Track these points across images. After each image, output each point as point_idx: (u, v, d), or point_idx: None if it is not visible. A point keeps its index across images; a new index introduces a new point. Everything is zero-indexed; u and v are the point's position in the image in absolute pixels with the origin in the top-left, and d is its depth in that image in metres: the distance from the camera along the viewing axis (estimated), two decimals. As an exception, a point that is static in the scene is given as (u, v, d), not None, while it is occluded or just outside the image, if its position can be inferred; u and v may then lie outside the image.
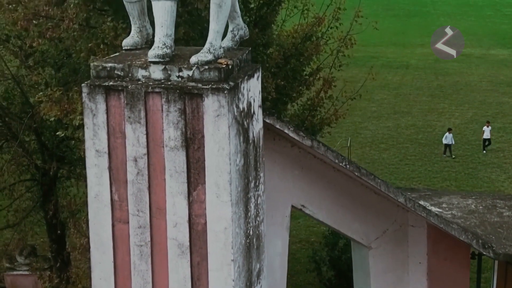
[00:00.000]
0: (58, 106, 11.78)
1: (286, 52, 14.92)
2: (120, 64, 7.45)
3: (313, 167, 10.41)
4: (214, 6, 7.44)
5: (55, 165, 15.61)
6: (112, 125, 7.48)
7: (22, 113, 15.92)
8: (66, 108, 11.70)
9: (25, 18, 12.03)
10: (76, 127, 11.94)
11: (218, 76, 7.28)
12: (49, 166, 15.89)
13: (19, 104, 15.99)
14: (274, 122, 9.27)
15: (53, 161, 15.93)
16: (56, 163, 15.91)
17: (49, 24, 12.17)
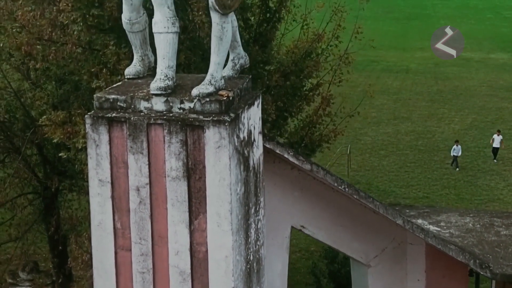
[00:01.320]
0: (61, 129, 11.93)
1: (286, 69, 15.05)
2: (123, 95, 7.60)
3: (312, 188, 10.54)
4: (215, 39, 7.58)
5: (57, 182, 15.74)
6: (115, 155, 7.62)
7: (25, 128, 16.06)
8: (69, 131, 11.86)
9: (28, 43, 12.18)
10: (78, 149, 12.09)
11: (219, 108, 7.42)
12: (50, 180, 16.02)
13: (22, 120, 16.13)
14: (274, 147, 9.40)
15: (54, 175, 16.07)
16: (58, 177, 16.04)
17: (52, 48, 12.33)
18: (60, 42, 12.34)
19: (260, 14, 14.81)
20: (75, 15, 11.77)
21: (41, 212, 17.63)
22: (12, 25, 12.36)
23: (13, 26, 12.41)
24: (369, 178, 29.59)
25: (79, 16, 11.78)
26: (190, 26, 11.66)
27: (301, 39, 16.63)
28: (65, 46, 12.19)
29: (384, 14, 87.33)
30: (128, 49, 11.20)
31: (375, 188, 28.53)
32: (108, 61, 11.72)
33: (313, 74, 16.15)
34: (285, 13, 15.91)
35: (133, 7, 8.00)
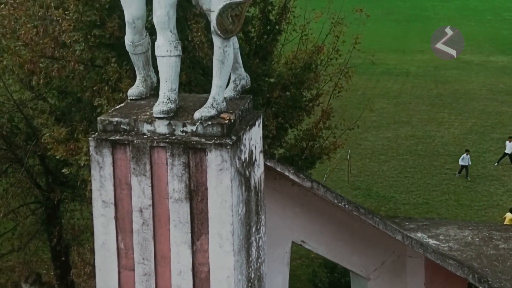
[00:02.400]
0: (63, 146, 12.06)
1: (286, 82, 15.17)
2: (126, 118, 7.71)
3: (313, 204, 10.66)
4: (217, 62, 7.69)
5: (59, 193, 15.83)
6: (118, 177, 7.73)
7: (27, 139, 16.17)
8: (72, 149, 11.98)
9: (32, 61, 12.30)
10: (81, 166, 12.21)
11: (221, 131, 7.54)
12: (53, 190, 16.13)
13: (24, 132, 16.25)
14: (275, 165, 9.51)
15: (56, 185, 16.17)
16: (60, 187, 16.15)
17: (55, 65, 12.44)
18: (63, 60, 12.46)
19: (260, 26, 14.94)
20: (77, 35, 11.91)
21: (43, 222, 17.75)
22: (15, 43, 12.48)
23: (17, 45, 12.52)
24: (369, 184, 29.69)
25: (81, 37, 11.91)
26: (190, 46, 11.79)
27: (300, 49, 16.75)
28: (68, 63, 12.32)
29: (384, 16, 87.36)
30: (130, 67, 11.31)
31: (375, 194, 28.64)
32: (110, 79, 11.84)
33: (313, 86, 16.27)
34: (285, 25, 16.04)
35: (136, 30, 8.11)
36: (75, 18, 11.68)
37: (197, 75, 12.05)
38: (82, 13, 11.66)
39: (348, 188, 29.21)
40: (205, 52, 11.50)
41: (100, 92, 11.97)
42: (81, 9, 11.67)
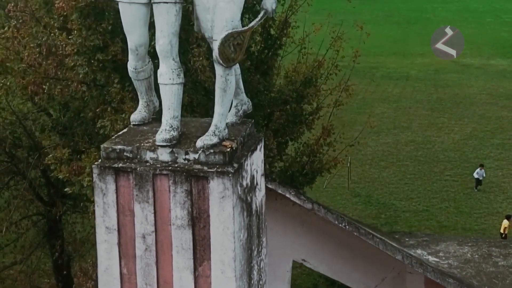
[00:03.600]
0: (67, 167, 12.16)
1: (287, 97, 15.26)
2: (129, 146, 7.79)
3: (313, 223, 10.75)
4: (219, 90, 7.76)
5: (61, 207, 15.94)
6: (121, 204, 7.81)
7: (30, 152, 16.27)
8: (75, 169, 12.08)
9: (35, 82, 12.40)
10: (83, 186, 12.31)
11: (223, 159, 7.62)
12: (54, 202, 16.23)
13: (26, 147, 16.35)
14: (276, 187, 9.61)
15: (58, 198, 16.28)
16: (61, 199, 16.25)
17: (58, 87, 12.54)
18: (66, 81, 12.56)
19: (261, 41, 15.02)
20: (81, 60, 12.00)
21: (45, 234, 17.84)
22: (19, 65, 12.57)
23: (20, 67, 12.61)
24: (369, 191, 29.77)
25: (85, 61, 12.01)
26: (192, 70, 11.89)
27: (300, 62, 16.83)
28: (71, 84, 12.42)
29: (384, 18, 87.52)
30: (132, 88, 11.41)
31: (375, 201, 28.72)
32: (113, 100, 11.93)
33: (313, 101, 16.36)
34: (286, 39, 16.12)
35: (138, 57, 8.19)
36: (79, 43, 11.79)
37: (199, 96, 12.15)
38: (86, 38, 11.77)
39: (348, 195, 29.30)
40: (207, 76, 11.60)
41: (103, 113, 12.07)
42: (84, 33, 11.77)
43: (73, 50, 11.92)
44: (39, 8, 12.42)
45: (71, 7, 11.65)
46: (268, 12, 8.09)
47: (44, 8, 12.34)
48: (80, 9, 11.68)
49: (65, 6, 11.62)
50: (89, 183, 11.72)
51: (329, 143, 16.74)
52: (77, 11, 11.72)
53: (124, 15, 7.94)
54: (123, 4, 7.88)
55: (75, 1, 11.58)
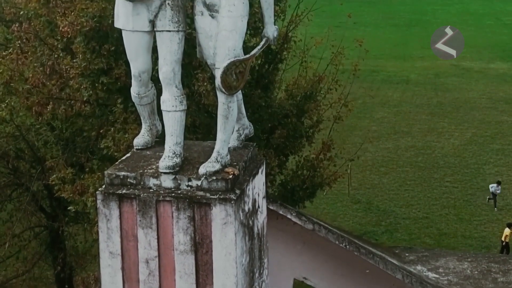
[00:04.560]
0: (70, 187, 12.29)
1: (288, 112, 15.37)
2: (133, 173, 7.90)
3: (314, 241, 10.85)
4: (221, 117, 7.86)
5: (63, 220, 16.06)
6: (125, 229, 7.92)
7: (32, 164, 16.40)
8: (78, 189, 12.21)
9: (39, 103, 12.52)
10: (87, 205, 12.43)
11: (225, 186, 7.73)
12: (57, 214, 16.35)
13: (29, 161, 16.48)
14: (277, 209, 9.71)
15: (60, 209, 16.40)
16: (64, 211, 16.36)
17: (62, 107, 12.66)
18: (70, 101, 12.69)
19: (262, 56, 15.12)
20: (85, 83, 12.13)
21: (48, 245, 17.95)
22: (23, 86, 12.68)
23: (24, 87, 12.72)
24: (370, 197, 29.86)
25: (89, 84, 12.13)
26: (196, 94, 12.01)
27: (301, 75, 16.94)
28: (75, 103, 12.55)
29: (384, 20, 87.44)
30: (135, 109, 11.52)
31: (375, 208, 28.81)
32: (116, 121, 12.05)
33: (314, 116, 16.46)
34: (286, 54, 16.25)
35: (142, 83, 8.30)
36: (83, 66, 11.91)
37: (202, 119, 12.27)
38: (90, 61, 11.89)
39: (348, 201, 29.40)
40: (210, 100, 11.71)
41: (106, 134, 12.19)
42: (89, 57, 11.89)
43: (78, 73, 12.04)
44: (43, 27, 12.52)
45: (76, 31, 11.78)
46: (269, 40, 8.19)
47: (48, 28, 12.45)
48: (84, 32, 11.80)
49: (70, 30, 11.74)
50: (93, 203, 11.85)
51: (329, 158, 16.85)
52: (81, 35, 11.84)
53: (127, 42, 8.04)
54: (126, 32, 7.98)
55: (79, 26, 11.71)
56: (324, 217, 27.57)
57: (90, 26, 11.77)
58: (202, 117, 12.37)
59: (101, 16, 11.86)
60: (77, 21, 11.61)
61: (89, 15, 11.74)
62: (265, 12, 8.02)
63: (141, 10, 7.80)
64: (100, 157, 12.79)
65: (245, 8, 7.80)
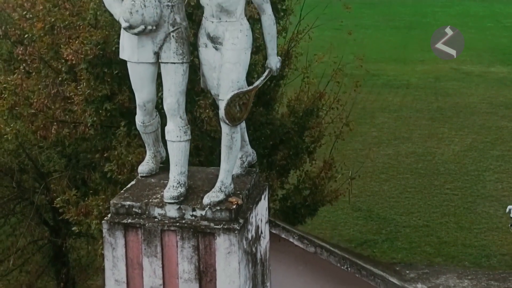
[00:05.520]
0: (75, 209, 12.45)
1: (290, 130, 15.52)
2: (138, 202, 8.06)
3: (316, 262, 10.98)
4: (225, 148, 8.01)
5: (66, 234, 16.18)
6: (130, 258, 8.08)
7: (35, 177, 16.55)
8: (83, 212, 12.37)
9: (44, 127, 12.67)
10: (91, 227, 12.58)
11: (229, 216, 7.88)
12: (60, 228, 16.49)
13: (32, 178, 16.64)
14: (279, 232, 9.84)
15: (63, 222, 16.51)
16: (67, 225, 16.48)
17: (66, 131, 12.82)
18: (74, 124, 12.84)
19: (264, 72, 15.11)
20: (89, 110, 12.29)
21: (51, 259, 18.09)
22: (28, 110, 12.83)
23: (29, 112, 12.85)
24: (370, 205, 29.96)
25: (93, 111, 12.29)
26: (198, 120, 12.17)
27: (303, 90, 17.09)
28: (79, 126, 12.71)
29: (385, 23, 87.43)
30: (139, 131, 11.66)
31: (376, 215, 28.93)
32: (119, 144, 12.21)
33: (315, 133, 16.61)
34: (288, 70, 16.40)
35: (146, 112, 8.45)
36: (87, 93, 12.06)
37: (206, 143, 12.43)
38: (94, 88, 12.04)
39: (349, 209, 29.49)
40: (213, 125, 11.87)
41: (110, 157, 12.35)
42: (92, 84, 12.04)
43: (82, 100, 12.19)
44: (47, 50, 12.66)
45: (80, 59, 11.93)
46: (272, 71, 8.35)
47: (52, 50, 12.59)
48: (88, 60, 11.96)
49: (74, 58, 11.90)
50: (97, 225, 12.03)
51: (330, 177, 17.00)
52: (85, 62, 11.99)
53: (132, 74, 8.18)
54: (132, 64, 8.12)
55: (83, 54, 11.86)
56: (325, 225, 27.77)
57: (94, 53, 11.93)
58: (205, 141, 12.52)
59: (105, 42, 12.03)
60: (81, 49, 11.78)
61: (93, 42, 11.90)
62: (268, 44, 8.16)
63: (146, 43, 7.94)
64: (102, 175, 12.96)
65: (249, 40, 7.95)
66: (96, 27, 12.35)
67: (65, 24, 12.30)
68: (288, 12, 15.95)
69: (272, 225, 9.86)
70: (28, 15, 12.86)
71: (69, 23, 12.32)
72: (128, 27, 7.66)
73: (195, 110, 12.12)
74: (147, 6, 7.56)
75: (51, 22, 12.32)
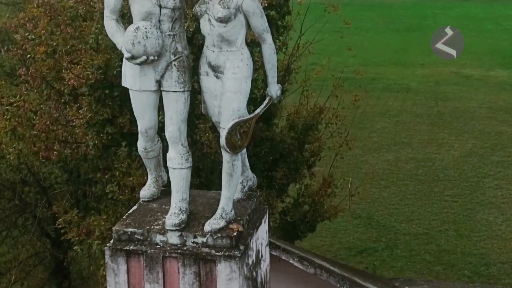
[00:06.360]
0: (76, 230, 12.56)
1: (290, 146, 15.62)
2: (140, 229, 8.16)
3: (316, 282, 11.07)
4: (226, 175, 8.11)
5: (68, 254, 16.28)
6: (132, 283, 8.17)
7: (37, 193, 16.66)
8: (84, 232, 12.48)
9: (46, 148, 12.77)
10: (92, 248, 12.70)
11: (230, 243, 7.98)
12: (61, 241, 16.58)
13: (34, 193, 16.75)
14: (280, 254, 9.93)
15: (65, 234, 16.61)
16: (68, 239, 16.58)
17: (68, 151, 12.93)
18: (76, 144, 12.94)
19: (264, 88, 15.30)
20: (91, 133, 12.40)
21: (52, 271, 18.19)
22: (30, 132, 12.92)
23: (31, 134, 12.95)
24: (370, 212, 30.04)
25: (94, 134, 12.40)
26: (198, 143, 12.29)
27: (302, 103, 17.20)
28: (80, 148, 12.82)
29: (385, 25, 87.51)
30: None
31: (376, 223, 29.02)
32: (120, 166, 12.33)
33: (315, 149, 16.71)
34: (287, 85, 16.51)
35: (148, 138, 8.54)
36: (89, 117, 12.17)
37: (206, 164, 12.53)
38: (96, 112, 12.15)
39: (349, 216, 29.53)
40: (213, 147, 11.98)
41: (111, 178, 12.47)
42: (94, 107, 12.15)
43: (83, 124, 12.30)
44: (49, 70, 12.75)
45: (81, 83, 12.04)
46: (273, 99, 8.45)
47: (54, 70, 12.69)
48: (90, 84, 12.06)
49: (76, 83, 12.00)
50: (98, 245, 12.15)
51: (329, 194, 17.09)
52: (86, 86, 12.10)
53: (134, 101, 8.27)
54: (133, 92, 8.21)
55: (85, 79, 11.96)
56: (325, 233, 27.83)
57: (96, 77, 12.04)
58: (206, 162, 12.63)
59: (106, 66, 12.13)
60: (83, 73, 11.88)
61: (95, 66, 12.01)
62: (268, 73, 8.26)
63: (148, 71, 8.04)
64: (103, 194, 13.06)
65: (249, 69, 8.05)
66: (97, 50, 12.47)
67: (66, 48, 12.43)
68: (288, 28, 16.08)
69: (272, 247, 9.96)
70: (31, 36, 12.98)
71: (71, 46, 12.45)
72: (130, 57, 7.75)
73: (196, 133, 12.24)
74: (149, 37, 7.65)
75: (53, 46, 12.46)
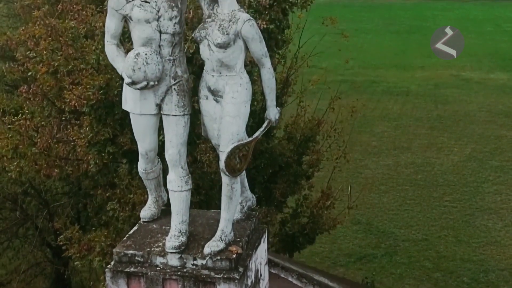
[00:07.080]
0: (77, 246, 12.67)
1: (289, 159, 15.73)
2: (140, 251, 8.26)
3: (315, 297, 11.15)
4: (225, 197, 8.21)
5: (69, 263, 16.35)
6: (133, 304, 8.27)
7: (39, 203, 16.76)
8: (85, 249, 12.59)
9: (48, 166, 12.87)
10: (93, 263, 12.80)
11: (229, 265, 8.08)
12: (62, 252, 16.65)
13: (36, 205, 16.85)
14: (279, 272, 10.03)
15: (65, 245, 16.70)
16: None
17: (70, 169, 13.04)
18: (77, 161, 13.05)
19: (263, 101, 15.38)
20: (92, 153, 12.50)
21: (53, 281, 18.28)
22: (32, 150, 13.01)
23: (33, 152, 13.04)
24: (369, 217, 30.11)
25: (96, 154, 12.50)
26: (199, 163, 12.39)
27: (299, 114, 17.31)
28: (81, 165, 12.93)
29: (385, 27, 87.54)
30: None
31: (375, 229, 29.09)
32: (121, 183, 12.44)
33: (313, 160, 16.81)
34: (286, 98, 16.61)
35: (149, 160, 8.65)
36: (90, 137, 12.28)
37: (205, 182, 12.65)
38: (97, 132, 12.26)
39: (348, 222, 29.49)
40: (213, 167, 12.09)
41: (112, 196, 12.58)
42: (95, 127, 12.25)
43: (84, 144, 12.41)
44: (50, 87, 12.85)
45: (82, 104, 12.14)
46: (271, 122, 8.53)
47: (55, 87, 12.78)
48: (91, 105, 12.17)
49: (77, 104, 12.11)
50: (99, 262, 12.27)
51: (328, 206, 17.19)
52: (87, 106, 12.20)
53: (134, 124, 8.37)
54: (134, 115, 8.31)
55: (86, 100, 12.06)
56: (325, 239, 27.84)
57: (97, 98, 12.14)
58: (205, 180, 12.74)
59: (108, 86, 12.23)
60: (84, 94, 11.98)
61: (96, 87, 12.11)
62: (267, 96, 8.35)
63: (148, 95, 8.14)
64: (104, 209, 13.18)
65: (248, 93, 8.15)
66: (98, 70, 12.56)
67: (68, 68, 12.53)
68: (288, 42, 16.17)
69: (271, 265, 10.06)
70: (32, 54, 13.08)
71: (73, 67, 12.55)
72: (131, 83, 7.85)
73: (196, 152, 12.35)
74: (149, 63, 7.74)
75: (54, 67, 12.56)
